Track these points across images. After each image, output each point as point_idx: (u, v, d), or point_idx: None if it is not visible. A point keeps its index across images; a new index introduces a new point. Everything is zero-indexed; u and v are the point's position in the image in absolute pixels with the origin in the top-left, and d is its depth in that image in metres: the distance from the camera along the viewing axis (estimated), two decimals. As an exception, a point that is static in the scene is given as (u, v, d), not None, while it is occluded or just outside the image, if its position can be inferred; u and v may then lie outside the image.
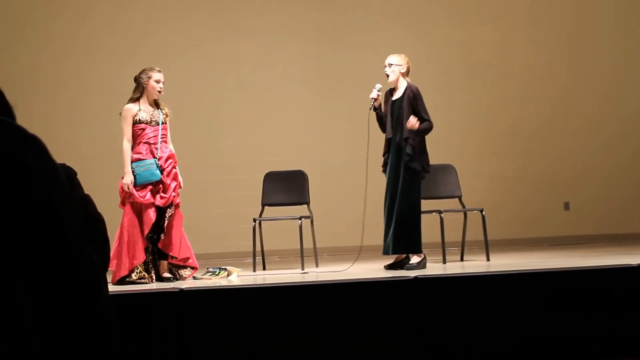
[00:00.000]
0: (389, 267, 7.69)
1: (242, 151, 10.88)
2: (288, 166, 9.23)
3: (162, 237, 7.23)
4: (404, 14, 11.27)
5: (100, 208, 3.56)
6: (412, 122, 7.61)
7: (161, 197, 7.21)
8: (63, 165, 3.12)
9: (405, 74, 7.84)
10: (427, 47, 11.18)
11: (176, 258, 7.26)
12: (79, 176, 3.48)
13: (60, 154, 3.90)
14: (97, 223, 3.06)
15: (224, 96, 10.97)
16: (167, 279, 7.23)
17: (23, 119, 1.66)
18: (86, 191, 3.48)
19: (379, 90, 7.84)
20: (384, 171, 7.84)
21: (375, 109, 7.83)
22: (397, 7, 11.28)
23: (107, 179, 8.88)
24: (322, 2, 11.23)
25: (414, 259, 7.67)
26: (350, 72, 10.93)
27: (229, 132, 10.92)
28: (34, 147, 1.41)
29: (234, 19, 11.07)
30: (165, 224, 7.22)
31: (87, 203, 3.13)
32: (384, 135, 7.85)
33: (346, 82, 10.92)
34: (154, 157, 7.26)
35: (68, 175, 3.10)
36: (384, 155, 7.84)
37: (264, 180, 8.92)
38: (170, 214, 7.25)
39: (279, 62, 11.07)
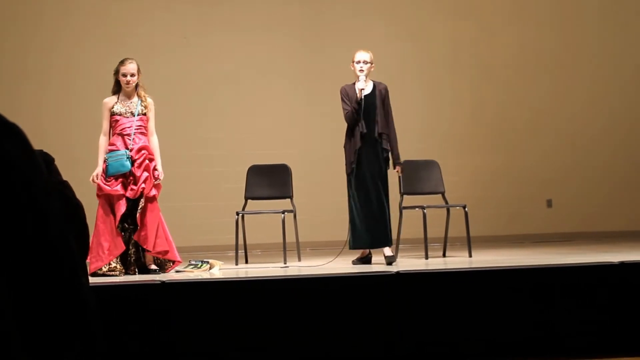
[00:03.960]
0: (359, 262, 7.76)
1: (226, 144, 10.86)
2: (272, 160, 9.22)
3: (138, 230, 7.20)
4: (390, 9, 11.28)
5: (88, 199, 3.55)
6: (399, 170, 7.91)
7: (131, 189, 7.19)
8: (41, 151, 3.10)
9: None
10: (412, 43, 11.20)
11: (150, 251, 7.23)
12: (66, 166, 3.46)
13: (47, 144, 3.89)
14: (76, 209, 3.04)
15: (209, 89, 10.95)
16: (153, 271, 7.21)
17: (11, 109, 1.65)
18: (73, 181, 3.46)
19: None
20: (355, 166, 7.82)
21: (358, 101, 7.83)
22: (383, 4, 11.28)
23: (94, 169, 8.84)
24: (309, -3, 11.24)
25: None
26: (335, 67, 10.90)
27: (213, 124, 10.90)
28: (13, 135, 1.40)
29: (220, 12, 11.04)
30: (137, 216, 7.18)
31: (65, 189, 3.11)
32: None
33: (331, 77, 10.88)
34: (127, 148, 7.25)
35: (46, 161, 3.08)
36: (355, 151, 7.84)
37: (247, 173, 8.91)
38: (141, 205, 7.21)
39: (264, 56, 11.06)
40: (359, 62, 7.84)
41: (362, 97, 7.78)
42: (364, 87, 7.79)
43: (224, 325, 5.85)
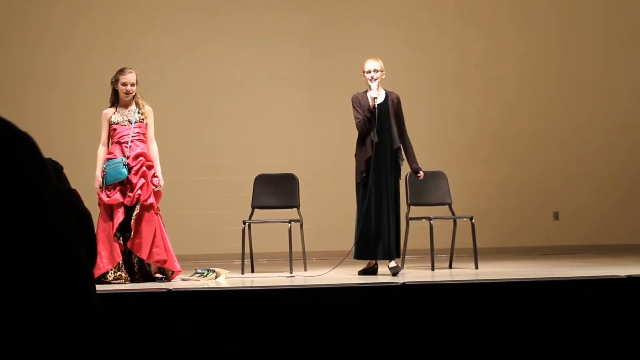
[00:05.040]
0: (365, 272, 7.77)
1: (233, 153, 10.87)
2: (279, 169, 9.22)
3: (131, 237, 7.17)
4: (397, 20, 11.29)
5: (92, 206, 3.56)
6: (421, 175, 8.01)
7: (127, 196, 7.20)
8: (50, 159, 3.11)
9: None
10: (419, 54, 11.21)
11: (144, 260, 7.21)
12: (72, 173, 3.47)
13: (53, 151, 3.89)
14: (84, 218, 3.04)
15: (217, 97, 10.97)
16: (159, 279, 7.20)
17: (16, 116, 1.66)
18: (78, 189, 3.47)
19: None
20: (366, 175, 7.77)
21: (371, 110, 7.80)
22: (390, 14, 11.30)
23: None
24: (316, 7, 11.24)
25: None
26: (342, 76, 10.92)
27: (221, 133, 10.92)
28: (24, 144, 1.40)
29: (228, 21, 11.07)
30: (131, 223, 7.16)
31: (73, 197, 3.12)
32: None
33: (338, 86, 10.90)
34: (124, 155, 7.27)
35: (55, 169, 3.09)
36: (367, 160, 7.77)
37: (254, 182, 8.91)
38: (136, 212, 7.19)
39: (272, 65, 11.08)
40: (369, 71, 7.81)
41: (376, 106, 7.75)
42: (377, 95, 7.76)
43: (229, 334, 5.84)
